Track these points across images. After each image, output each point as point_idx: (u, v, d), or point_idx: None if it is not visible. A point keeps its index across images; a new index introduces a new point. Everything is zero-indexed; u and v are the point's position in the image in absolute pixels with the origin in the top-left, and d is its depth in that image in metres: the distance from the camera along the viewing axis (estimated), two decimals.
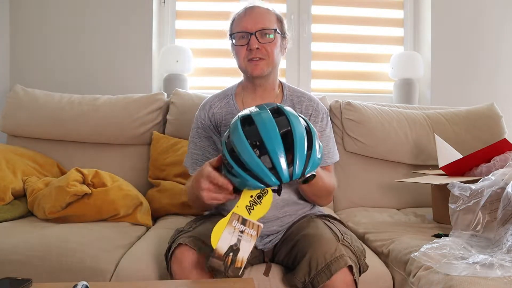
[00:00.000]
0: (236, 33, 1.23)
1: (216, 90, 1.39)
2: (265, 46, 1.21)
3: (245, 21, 1.22)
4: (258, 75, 1.23)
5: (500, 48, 2.35)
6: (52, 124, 1.88)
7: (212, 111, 1.30)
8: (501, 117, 1.99)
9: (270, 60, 1.22)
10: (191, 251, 1.04)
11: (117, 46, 2.25)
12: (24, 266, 1.23)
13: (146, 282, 1.15)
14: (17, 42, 2.24)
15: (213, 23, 2.39)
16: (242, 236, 0.90)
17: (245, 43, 1.21)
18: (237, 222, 0.91)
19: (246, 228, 0.91)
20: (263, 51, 1.21)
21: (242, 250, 0.89)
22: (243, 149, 0.88)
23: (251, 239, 0.90)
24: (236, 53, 1.26)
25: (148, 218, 1.60)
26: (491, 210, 1.19)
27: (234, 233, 0.90)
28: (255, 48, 1.20)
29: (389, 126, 1.89)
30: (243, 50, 1.22)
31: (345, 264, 1.01)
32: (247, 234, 0.90)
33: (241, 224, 0.91)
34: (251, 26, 1.20)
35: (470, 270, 0.97)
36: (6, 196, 1.54)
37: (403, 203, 1.88)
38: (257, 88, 1.29)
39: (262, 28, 1.20)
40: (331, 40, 2.44)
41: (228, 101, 1.32)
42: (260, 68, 1.22)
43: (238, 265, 0.89)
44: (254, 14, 1.23)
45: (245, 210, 0.94)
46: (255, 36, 1.20)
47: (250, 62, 1.22)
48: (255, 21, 1.21)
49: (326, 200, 1.29)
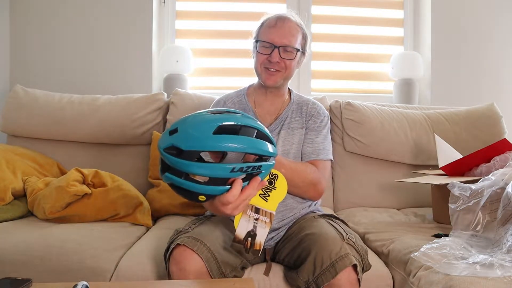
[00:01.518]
0: (261, 41, 1.30)
1: (216, 90, 1.41)
2: (285, 61, 1.29)
3: (273, 33, 1.28)
4: (271, 85, 1.32)
5: (500, 48, 2.35)
6: (52, 124, 1.88)
7: (226, 105, 1.40)
8: (501, 117, 1.99)
9: (286, 73, 1.31)
10: (189, 251, 1.05)
11: (117, 46, 2.25)
12: (24, 266, 1.23)
13: (146, 282, 1.15)
14: (17, 42, 2.24)
15: (213, 23, 2.39)
16: (257, 223, 0.99)
17: (267, 53, 1.28)
18: (251, 211, 0.99)
19: (260, 216, 0.99)
20: (281, 65, 1.29)
21: (259, 235, 0.98)
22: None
23: (266, 226, 0.99)
24: (256, 57, 1.32)
25: (148, 218, 1.60)
26: (491, 210, 1.19)
27: (250, 221, 0.99)
28: (275, 62, 1.27)
29: (389, 126, 1.89)
30: (263, 57, 1.29)
31: (350, 263, 1.02)
32: (261, 221, 0.99)
33: (254, 213, 0.99)
34: (277, 39, 1.27)
35: (470, 270, 0.97)
36: (6, 196, 1.54)
37: (403, 203, 1.88)
38: (268, 93, 1.38)
39: (287, 45, 1.27)
40: (331, 40, 2.44)
41: (240, 99, 1.42)
42: (274, 79, 1.30)
43: (257, 247, 0.98)
44: (283, 28, 1.28)
45: (260, 199, 1.01)
46: (279, 50, 1.27)
47: (266, 70, 1.30)
48: (282, 36, 1.27)
49: (308, 193, 1.29)
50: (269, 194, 1.01)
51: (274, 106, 1.40)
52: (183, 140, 0.85)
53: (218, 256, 1.07)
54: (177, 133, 0.86)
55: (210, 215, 1.32)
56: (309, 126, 1.37)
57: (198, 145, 0.84)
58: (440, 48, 2.32)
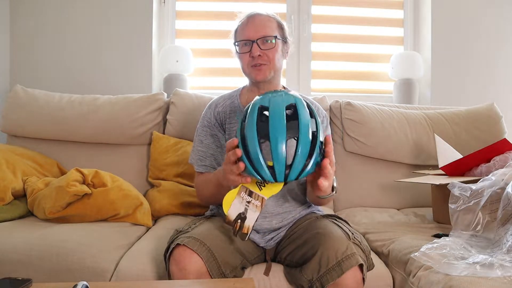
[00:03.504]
0: (239, 41, 1.30)
1: (216, 90, 1.41)
2: (266, 53, 1.27)
3: (247, 30, 1.29)
4: (262, 79, 1.30)
5: (500, 48, 2.35)
6: (52, 124, 1.88)
7: (217, 110, 1.38)
8: (501, 117, 1.99)
9: (271, 65, 1.29)
10: (189, 251, 1.05)
11: (117, 46, 2.25)
12: (24, 266, 1.23)
13: (146, 282, 1.15)
14: (17, 42, 2.24)
15: (213, 23, 2.39)
16: (248, 206, 1.01)
17: (248, 50, 1.28)
18: (245, 194, 1.02)
19: (252, 199, 1.02)
20: (264, 57, 1.28)
21: (248, 218, 1.01)
22: (251, 141, 0.96)
23: (256, 210, 1.01)
24: (240, 59, 1.32)
25: (148, 218, 1.60)
26: (491, 210, 1.19)
27: (242, 203, 1.01)
28: (257, 55, 1.26)
29: (389, 126, 1.89)
30: (246, 57, 1.29)
31: (357, 263, 1.02)
32: (253, 204, 1.01)
33: (247, 196, 1.02)
34: (252, 34, 1.28)
35: (470, 270, 0.97)
36: (6, 196, 1.54)
37: (403, 203, 1.88)
38: (261, 90, 1.33)
39: (263, 36, 1.27)
40: (331, 40, 2.44)
41: (232, 101, 1.39)
42: (263, 73, 1.29)
43: (244, 231, 1.01)
44: (255, 22, 1.30)
45: (256, 185, 1.03)
46: (257, 43, 1.27)
47: (253, 68, 1.29)
48: (256, 29, 1.28)
49: (327, 202, 1.33)
50: (265, 185, 1.03)
51: None
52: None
53: (218, 256, 1.07)
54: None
55: (210, 215, 1.33)
56: None
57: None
58: (440, 48, 2.32)
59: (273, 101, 0.98)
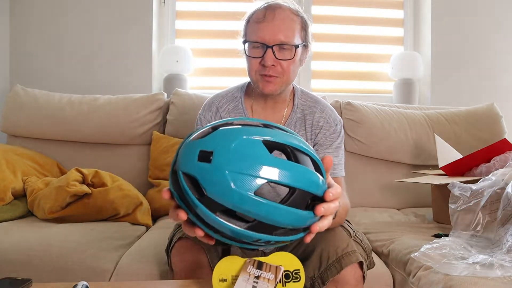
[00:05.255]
0: (250, 41, 1.06)
1: (216, 90, 1.37)
2: (282, 63, 1.05)
3: (264, 30, 1.04)
4: (270, 93, 1.10)
5: (500, 48, 2.35)
6: (52, 124, 1.88)
7: (219, 114, 1.19)
8: (501, 117, 1.99)
9: (285, 78, 1.08)
10: (191, 242, 1.04)
11: (117, 46, 2.25)
12: (24, 266, 1.23)
13: (146, 282, 1.14)
14: (17, 42, 2.24)
15: (213, 23, 2.39)
16: (257, 282, 0.79)
17: (260, 56, 1.05)
18: (252, 267, 0.80)
19: (263, 272, 0.80)
20: (278, 69, 1.06)
21: None
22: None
23: (269, 284, 0.78)
24: (248, 62, 1.10)
25: (148, 218, 1.60)
26: (491, 210, 1.19)
27: (249, 280, 0.79)
28: (270, 65, 1.05)
29: (389, 126, 1.89)
30: (256, 63, 1.06)
31: (356, 260, 1.01)
32: (264, 278, 0.79)
33: (256, 269, 0.80)
34: (269, 37, 1.03)
35: (470, 270, 0.97)
36: (6, 196, 1.54)
37: (403, 203, 1.88)
38: (268, 100, 1.18)
39: (282, 42, 1.04)
40: (331, 40, 2.44)
41: (236, 105, 1.20)
42: (273, 86, 1.08)
43: None
44: (275, 20, 1.04)
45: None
46: (272, 50, 1.03)
47: (262, 78, 1.08)
48: (275, 31, 1.03)
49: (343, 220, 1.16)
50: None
51: (275, 115, 1.18)
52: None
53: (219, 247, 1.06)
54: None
55: None
56: (318, 141, 1.15)
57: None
58: (440, 48, 2.32)
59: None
